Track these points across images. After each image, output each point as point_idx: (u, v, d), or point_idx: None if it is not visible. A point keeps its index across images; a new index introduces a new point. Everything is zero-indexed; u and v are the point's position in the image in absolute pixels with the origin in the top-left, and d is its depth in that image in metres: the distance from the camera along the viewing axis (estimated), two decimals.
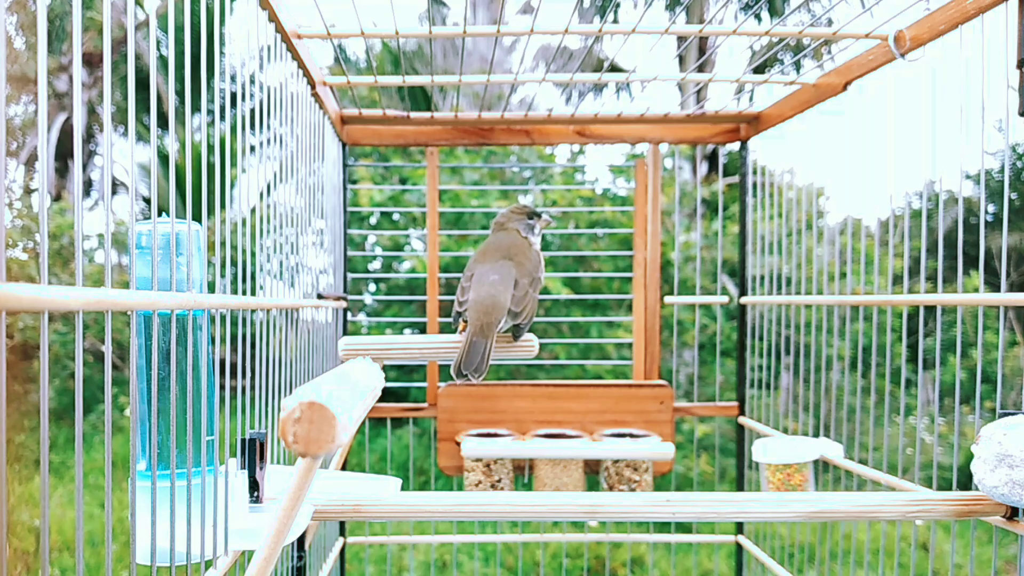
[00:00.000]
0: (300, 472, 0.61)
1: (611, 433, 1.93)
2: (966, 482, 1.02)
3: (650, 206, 2.09)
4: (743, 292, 2.05)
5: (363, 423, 2.13)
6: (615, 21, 11.34)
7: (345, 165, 1.98)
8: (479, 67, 8.54)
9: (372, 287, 6.43)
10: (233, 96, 1.00)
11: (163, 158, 8.45)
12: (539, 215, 1.30)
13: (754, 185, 2.02)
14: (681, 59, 10.01)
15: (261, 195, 1.18)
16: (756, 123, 1.97)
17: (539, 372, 6.04)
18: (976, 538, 1.15)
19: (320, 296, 1.60)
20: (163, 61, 9.18)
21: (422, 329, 2.29)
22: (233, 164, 0.98)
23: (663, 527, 2.46)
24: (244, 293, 0.99)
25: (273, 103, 1.18)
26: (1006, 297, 1.09)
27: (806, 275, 1.78)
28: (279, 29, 1.18)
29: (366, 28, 1.36)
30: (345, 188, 1.96)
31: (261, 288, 1.16)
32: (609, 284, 5.88)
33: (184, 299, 0.73)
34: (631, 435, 1.92)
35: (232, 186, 1.03)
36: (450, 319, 1.27)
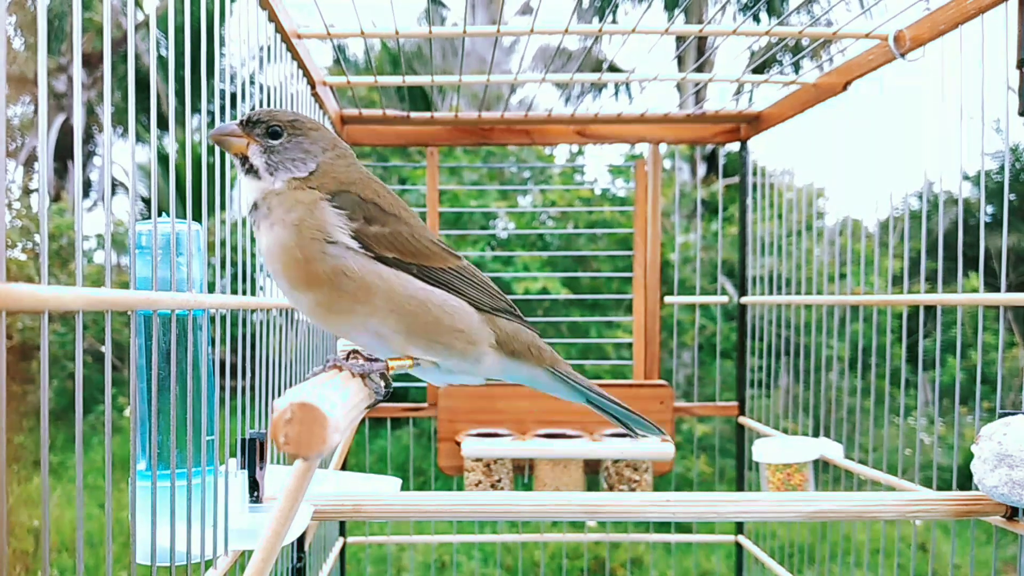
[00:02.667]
0: (297, 473, 0.61)
1: (611, 433, 1.93)
2: (965, 482, 1.02)
3: (649, 206, 2.09)
4: (742, 292, 2.05)
5: (363, 423, 2.13)
6: (614, 21, 11.35)
7: None
8: (478, 68, 8.53)
9: None
10: (233, 96, 1.00)
11: (162, 158, 8.45)
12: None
13: (753, 186, 2.02)
14: (680, 59, 10.00)
15: None
16: (756, 123, 1.97)
17: None
18: (975, 538, 1.15)
19: None
20: (162, 61, 9.18)
21: None
22: (232, 164, 0.98)
23: (663, 527, 2.47)
24: (244, 293, 0.98)
25: (273, 103, 1.18)
26: (1005, 297, 1.09)
27: (805, 276, 1.78)
28: (279, 29, 1.18)
29: (366, 28, 1.36)
30: None
31: (261, 288, 1.16)
32: (608, 284, 5.88)
33: (184, 299, 0.73)
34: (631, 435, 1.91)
35: (232, 186, 1.03)
36: None
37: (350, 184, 0.74)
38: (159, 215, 0.79)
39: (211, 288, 0.92)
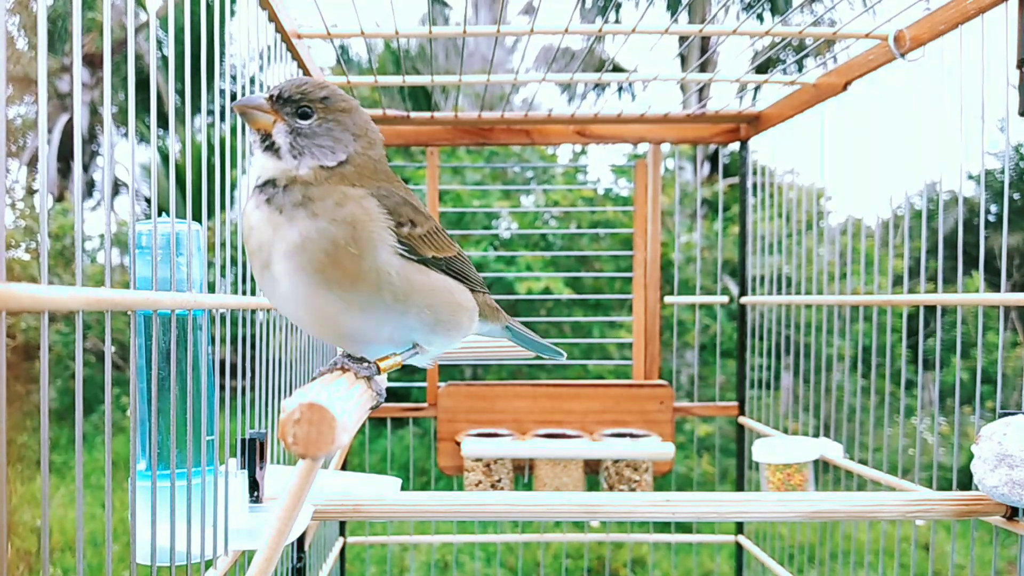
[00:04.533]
0: (301, 473, 0.61)
1: (611, 433, 1.93)
2: (967, 482, 1.02)
3: (651, 206, 2.09)
4: (743, 292, 2.04)
5: (364, 424, 2.13)
6: (616, 21, 11.34)
7: None
8: (482, 67, 8.55)
9: None
10: (234, 96, 1.00)
11: (164, 158, 8.46)
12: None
13: (754, 185, 2.02)
14: (682, 59, 10.01)
15: None
16: (757, 123, 1.97)
17: (539, 372, 6.04)
18: (977, 538, 1.15)
19: None
20: (164, 62, 9.19)
21: None
22: (233, 165, 0.98)
23: (663, 527, 2.47)
24: (244, 293, 0.99)
25: None
26: (1007, 297, 1.09)
27: (807, 275, 1.78)
28: (279, 29, 1.18)
29: (368, 28, 1.36)
30: None
31: (261, 288, 1.16)
32: (610, 284, 5.88)
33: (184, 299, 0.74)
34: (631, 435, 1.92)
35: (233, 187, 1.03)
36: None
37: (389, 182, 0.73)
38: (160, 215, 0.80)
39: (211, 288, 0.92)
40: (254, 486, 0.94)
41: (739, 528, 2.05)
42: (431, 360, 0.82)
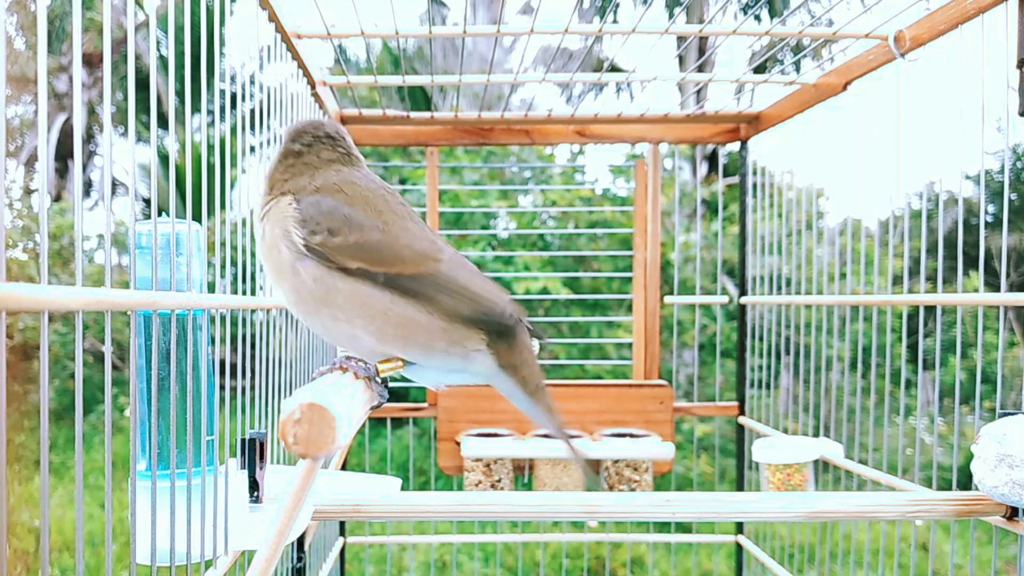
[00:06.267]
0: (302, 473, 0.61)
1: (611, 433, 1.93)
2: (966, 482, 1.02)
3: (650, 206, 2.09)
4: (742, 292, 2.05)
5: (364, 423, 2.13)
6: (615, 21, 11.34)
7: None
8: (479, 67, 8.54)
9: None
10: (233, 96, 1.00)
11: (163, 158, 8.46)
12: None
13: (754, 185, 2.02)
14: (681, 59, 10.01)
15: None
16: (756, 123, 1.97)
17: None
18: (976, 538, 1.15)
19: None
20: (163, 61, 9.19)
21: None
22: (233, 165, 0.98)
23: (663, 527, 2.47)
24: (244, 293, 0.99)
25: (273, 103, 1.18)
26: (1006, 297, 1.09)
27: (806, 275, 1.78)
28: (279, 29, 1.18)
29: (367, 28, 1.36)
30: None
31: (261, 288, 1.16)
32: (609, 284, 5.89)
33: (184, 299, 0.73)
34: (631, 435, 1.92)
35: (232, 187, 1.03)
36: None
37: (326, 190, 0.74)
38: (159, 215, 0.79)
39: (211, 288, 0.92)
40: (254, 486, 0.94)
41: (739, 528, 2.05)
42: (432, 383, 0.80)
